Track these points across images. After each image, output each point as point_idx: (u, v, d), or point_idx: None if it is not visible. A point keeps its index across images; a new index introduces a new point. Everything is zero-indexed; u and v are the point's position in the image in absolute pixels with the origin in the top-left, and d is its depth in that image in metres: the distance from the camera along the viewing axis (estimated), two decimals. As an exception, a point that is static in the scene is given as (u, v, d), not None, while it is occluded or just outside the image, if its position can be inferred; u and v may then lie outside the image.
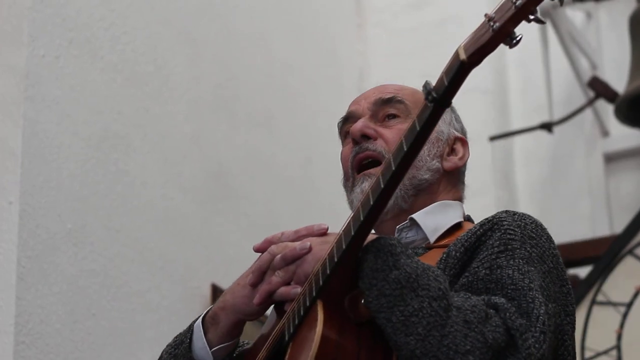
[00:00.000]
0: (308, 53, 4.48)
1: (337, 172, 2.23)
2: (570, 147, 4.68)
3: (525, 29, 5.45)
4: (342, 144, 2.25)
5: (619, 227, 4.20)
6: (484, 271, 1.86)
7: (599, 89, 4.34)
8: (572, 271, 4.25)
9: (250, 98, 4.04)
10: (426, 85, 1.72)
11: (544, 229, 2.00)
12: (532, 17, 1.65)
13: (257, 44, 4.15)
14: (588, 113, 4.61)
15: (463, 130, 2.33)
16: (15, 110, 3.04)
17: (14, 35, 3.10)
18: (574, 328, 1.96)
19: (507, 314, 1.77)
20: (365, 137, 2.16)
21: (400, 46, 4.79)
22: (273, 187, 4.07)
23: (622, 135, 4.58)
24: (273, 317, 2.03)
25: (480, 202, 4.45)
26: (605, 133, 4.68)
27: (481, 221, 1.98)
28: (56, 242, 3.07)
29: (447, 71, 1.71)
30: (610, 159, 4.66)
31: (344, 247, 1.81)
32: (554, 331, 1.83)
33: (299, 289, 1.90)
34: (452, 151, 2.26)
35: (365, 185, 2.10)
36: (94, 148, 3.27)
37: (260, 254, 2.00)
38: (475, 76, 5.45)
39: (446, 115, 2.24)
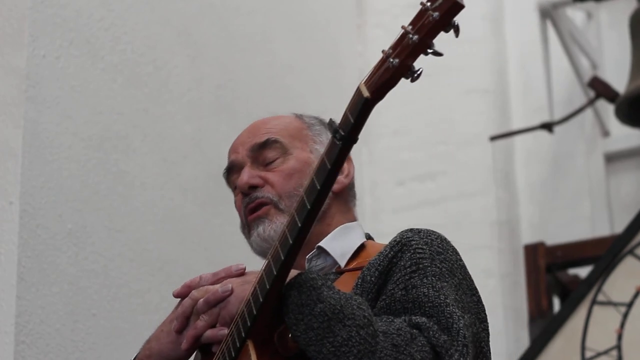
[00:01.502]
0: (308, 54, 4.48)
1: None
2: (571, 147, 4.69)
3: (525, 29, 5.44)
4: (233, 194, 2.29)
5: (619, 227, 4.20)
6: (399, 292, 1.92)
7: (599, 88, 4.34)
8: (572, 271, 4.25)
9: (250, 99, 4.04)
10: (331, 123, 1.76)
11: (448, 243, 2.05)
12: (430, 50, 1.68)
13: (257, 45, 4.15)
14: (588, 113, 4.61)
15: None
16: (15, 111, 3.05)
17: (14, 35, 3.11)
18: (488, 334, 2.01)
19: (431, 332, 1.84)
20: (253, 187, 2.20)
21: (400, 47, 4.78)
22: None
23: (623, 135, 4.59)
24: (198, 358, 2.07)
25: (480, 202, 4.46)
26: (605, 133, 4.68)
27: (390, 243, 2.03)
28: (57, 242, 3.07)
29: (351, 109, 1.74)
30: (611, 158, 4.66)
31: (267, 287, 1.85)
32: (472, 341, 1.90)
33: (225, 331, 1.94)
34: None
35: (260, 229, 2.17)
36: (94, 148, 3.28)
37: (180, 299, 2.04)
38: (476, 76, 5.51)
39: (322, 137, 2.27)
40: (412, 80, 1.71)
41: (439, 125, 4.61)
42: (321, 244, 2.14)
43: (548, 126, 4.46)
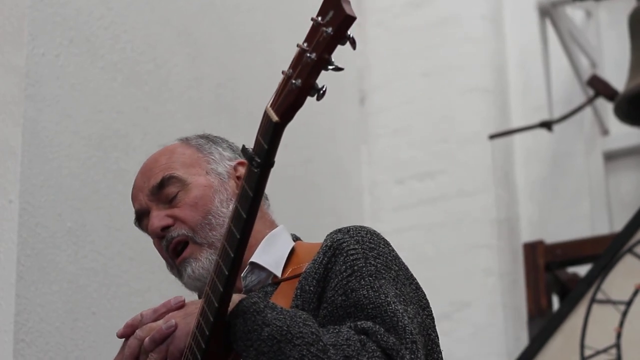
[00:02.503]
0: (308, 53, 4.48)
1: (338, 172, 2.26)
2: (570, 145, 4.69)
3: (524, 28, 5.42)
4: (152, 239, 2.27)
5: (618, 225, 4.20)
6: (340, 298, 1.93)
7: (598, 87, 4.34)
8: (571, 269, 4.25)
9: (250, 98, 4.04)
10: (245, 151, 1.76)
11: (379, 235, 2.05)
12: (330, 67, 1.67)
13: (257, 44, 4.15)
14: (588, 111, 4.61)
15: (236, 151, 2.33)
16: (15, 109, 3.05)
17: (14, 34, 3.11)
18: (433, 319, 2.02)
19: (378, 336, 1.84)
20: (165, 228, 2.19)
21: (400, 46, 4.80)
22: (273, 187, 4.05)
23: (622, 134, 4.59)
24: None
25: (480, 200, 4.47)
26: (605, 131, 4.68)
27: (322, 248, 2.03)
28: (56, 240, 3.07)
29: (262, 134, 1.74)
30: (610, 157, 4.66)
31: (211, 319, 1.85)
32: (420, 332, 1.92)
33: None
34: (240, 180, 2.25)
35: (189, 270, 2.15)
36: (94, 147, 3.28)
37: (124, 339, 2.05)
38: (475, 75, 5.50)
39: (214, 155, 2.27)
40: (318, 99, 1.70)
41: (439, 124, 4.61)
42: (253, 259, 2.14)
43: (547, 125, 4.46)
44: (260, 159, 1.74)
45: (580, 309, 3.70)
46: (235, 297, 1.90)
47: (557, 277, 4.17)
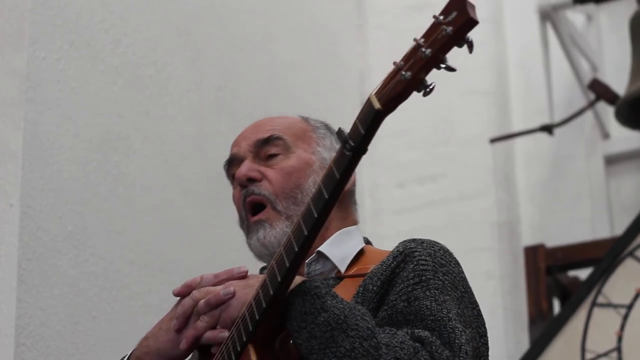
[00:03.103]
0: (309, 55, 4.48)
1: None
2: (571, 149, 4.69)
3: (525, 31, 5.41)
4: (232, 186, 2.27)
5: (619, 229, 4.21)
6: (402, 304, 1.91)
7: (599, 91, 4.34)
8: (572, 273, 4.25)
9: (250, 100, 4.04)
10: (340, 133, 1.75)
11: (451, 254, 2.03)
12: (442, 65, 1.67)
13: (257, 46, 4.15)
14: (588, 115, 4.62)
15: None
16: (16, 113, 3.04)
17: (14, 37, 3.10)
18: (487, 349, 2.00)
19: (433, 347, 1.82)
20: (251, 180, 2.18)
21: (401, 48, 4.75)
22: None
23: (623, 138, 4.59)
24: (195, 358, 2.06)
25: (481, 203, 4.47)
26: (605, 135, 4.68)
27: (393, 252, 2.02)
28: (57, 244, 3.07)
29: (361, 119, 1.72)
30: (611, 161, 4.67)
31: (271, 292, 1.84)
32: (473, 356, 1.89)
33: (226, 333, 1.93)
34: None
35: (260, 234, 2.15)
36: (94, 150, 3.27)
37: (180, 298, 2.04)
38: (476, 78, 5.50)
39: (325, 141, 2.26)
40: (425, 95, 1.70)
41: (440, 127, 4.61)
42: (321, 248, 2.12)
43: (548, 128, 4.46)
44: (354, 143, 1.72)
45: (581, 312, 3.70)
46: (298, 278, 1.88)
47: (558, 281, 4.17)
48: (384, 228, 4.46)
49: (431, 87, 1.68)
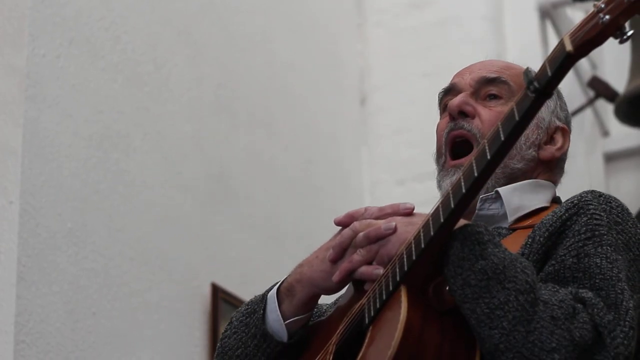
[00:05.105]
0: (309, 53, 4.49)
1: (338, 173, 2.24)
2: (571, 146, 4.68)
3: (525, 29, 5.39)
4: (440, 116, 2.18)
5: (619, 226, 4.20)
6: (571, 259, 1.81)
7: (599, 88, 4.34)
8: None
9: (250, 98, 4.04)
10: (527, 73, 1.67)
11: (629, 213, 1.91)
12: None
13: (257, 44, 4.15)
14: (588, 113, 4.61)
15: (567, 119, 2.21)
16: (16, 110, 3.05)
17: (14, 35, 3.11)
18: None
19: (595, 310, 1.72)
20: (463, 114, 2.09)
21: (401, 46, 4.80)
22: (273, 188, 4.07)
23: (622, 135, 4.59)
24: (350, 291, 1.98)
25: (480, 201, 4.47)
26: (605, 133, 4.68)
27: (565, 204, 1.91)
28: (57, 241, 3.07)
29: (550, 61, 1.64)
30: (610, 158, 4.66)
31: (432, 233, 1.75)
32: (637, 325, 1.77)
33: (381, 270, 1.85)
34: (551, 140, 2.15)
35: (455, 178, 1.93)
36: (94, 147, 3.28)
37: (340, 227, 1.95)
38: (475, 76, 5.36)
39: (550, 102, 2.14)
40: (621, 42, 1.62)
41: (439, 125, 4.61)
42: (500, 190, 2.02)
43: (548, 126, 4.46)
44: (539, 85, 1.63)
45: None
46: (462, 222, 1.80)
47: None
48: (384, 226, 4.45)
49: (629, 33, 1.60)
